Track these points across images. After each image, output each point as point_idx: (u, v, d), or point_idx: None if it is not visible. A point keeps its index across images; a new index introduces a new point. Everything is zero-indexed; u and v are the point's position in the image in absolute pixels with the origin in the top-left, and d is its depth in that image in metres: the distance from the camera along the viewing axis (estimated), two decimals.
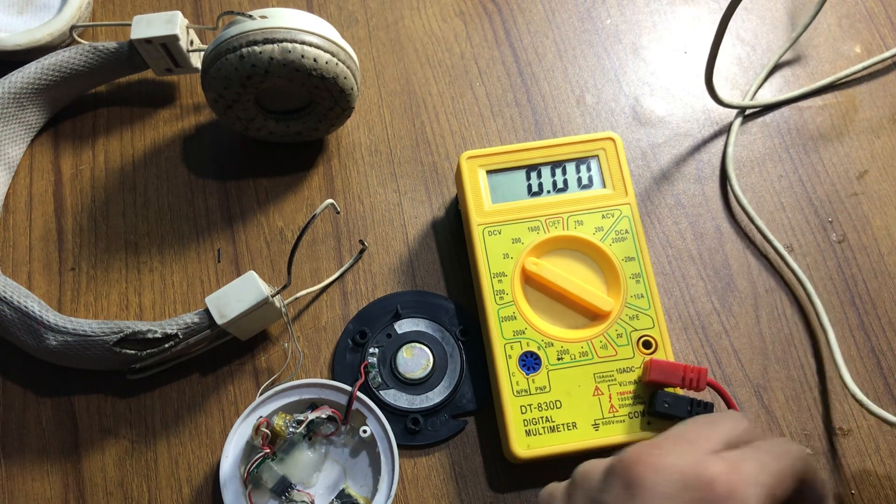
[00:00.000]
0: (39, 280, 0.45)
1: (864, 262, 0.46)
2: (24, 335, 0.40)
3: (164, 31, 0.45)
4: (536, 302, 0.41)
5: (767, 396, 0.43)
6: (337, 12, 0.53)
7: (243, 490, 0.38)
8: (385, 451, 0.39)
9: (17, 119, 0.47)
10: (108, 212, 0.47)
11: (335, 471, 0.40)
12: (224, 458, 0.38)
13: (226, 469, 0.38)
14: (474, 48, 0.52)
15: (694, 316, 0.45)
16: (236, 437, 0.39)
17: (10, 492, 0.41)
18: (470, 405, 0.42)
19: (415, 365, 0.42)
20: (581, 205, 0.43)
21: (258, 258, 0.46)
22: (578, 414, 0.39)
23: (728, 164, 0.48)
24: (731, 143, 0.49)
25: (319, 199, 0.47)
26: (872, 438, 0.42)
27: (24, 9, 0.52)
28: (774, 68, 0.51)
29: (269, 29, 0.40)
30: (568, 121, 0.50)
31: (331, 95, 0.43)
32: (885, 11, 0.53)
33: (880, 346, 0.44)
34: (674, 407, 0.38)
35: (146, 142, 0.49)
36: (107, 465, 0.41)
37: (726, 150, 0.48)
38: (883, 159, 0.49)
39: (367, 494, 0.39)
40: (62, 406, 0.42)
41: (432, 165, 0.48)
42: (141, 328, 0.40)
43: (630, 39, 0.53)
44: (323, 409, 0.39)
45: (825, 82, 0.50)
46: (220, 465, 0.38)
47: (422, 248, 0.46)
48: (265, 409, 0.40)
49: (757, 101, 0.50)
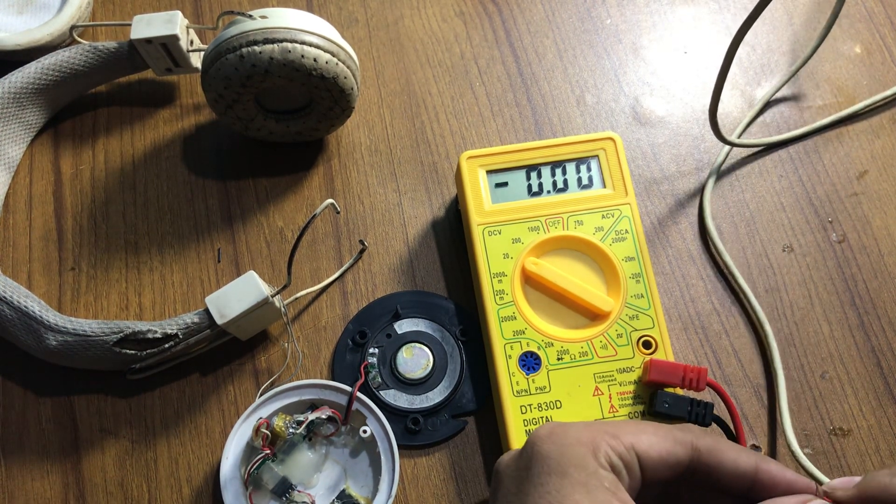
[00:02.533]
0: (39, 280, 0.45)
1: (864, 262, 0.46)
2: (24, 335, 0.40)
3: (164, 31, 0.45)
4: (536, 302, 0.41)
5: (767, 396, 0.43)
6: (337, 12, 0.53)
7: (244, 491, 0.38)
8: (385, 451, 0.39)
9: (16, 119, 0.47)
10: (107, 212, 0.47)
11: (335, 471, 0.40)
12: (224, 459, 0.38)
13: (226, 470, 0.38)
14: (474, 48, 0.52)
15: (694, 316, 0.45)
16: (236, 439, 0.39)
17: (9, 492, 0.41)
18: (470, 405, 0.42)
19: (415, 365, 0.42)
20: (581, 205, 0.43)
21: (258, 258, 0.46)
22: (578, 414, 0.39)
23: (728, 164, 0.48)
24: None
25: (319, 199, 0.47)
26: (872, 438, 0.42)
27: (23, 9, 0.52)
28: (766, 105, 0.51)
29: (269, 29, 0.40)
30: (568, 121, 0.50)
31: (331, 95, 0.43)
32: (884, 11, 0.53)
33: (880, 346, 0.44)
34: (674, 407, 0.38)
35: (146, 142, 0.49)
36: (107, 465, 0.41)
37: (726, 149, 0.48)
38: (883, 159, 0.49)
39: (367, 495, 0.39)
40: (62, 406, 0.42)
41: (432, 165, 0.48)
42: (141, 328, 0.40)
43: (630, 39, 0.53)
44: (323, 410, 0.39)
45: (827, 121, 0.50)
46: (221, 466, 0.38)
47: (422, 248, 0.46)
48: (265, 410, 0.40)
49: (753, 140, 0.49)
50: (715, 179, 0.48)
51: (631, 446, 0.28)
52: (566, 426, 0.29)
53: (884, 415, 0.42)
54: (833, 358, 0.43)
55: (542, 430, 0.29)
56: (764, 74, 0.51)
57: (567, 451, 0.28)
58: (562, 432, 0.29)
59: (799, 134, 0.49)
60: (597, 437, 0.28)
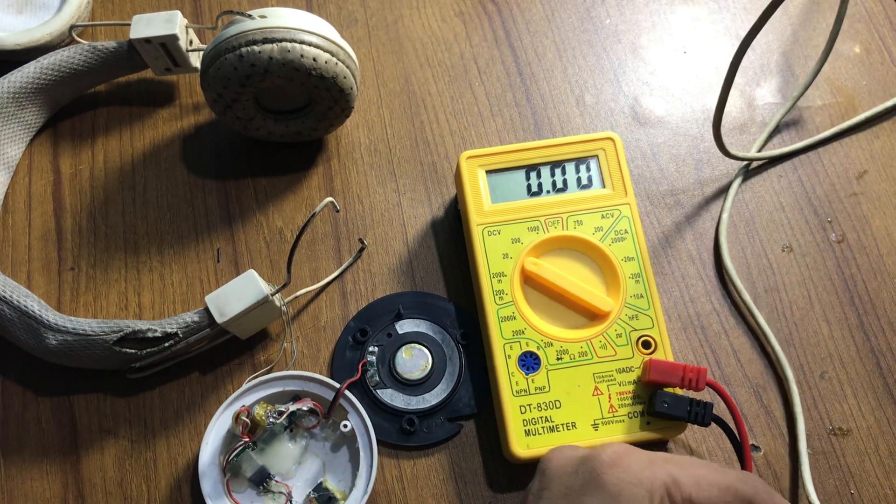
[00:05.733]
0: (39, 280, 0.45)
1: (864, 262, 0.46)
2: (24, 335, 0.40)
3: (164, 31, 0.45)
4: (536, 302, 0.41)
5: (767, 396, 0.43)
6: (337, 12, 0.53)
7: (222, 478, 0.38)
8: (365, 448, 0.39)
9: (16, 118, 0.47)
10: (107, 211, 0.47)
11: (315, 464, 0.40)
12: (204, 446, 0.39)
13: (205, 457, 0.38)
14: (474, 48, 0.52)
15: (694, 316, 0.45)
16: (217, 426, 0.39)
17: (9, 492, 0.41)
18: (467, 409, 0.42)
19: (413, 366, 0.42)
20: (581, 205, 0.43)
21: (257, 258, 0.46)
22: (578, 414, 0.39)
23: (728, 164, 0.48)
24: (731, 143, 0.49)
25: (319, 198, 0.47)
26: (872, 438, 0.42)
27: (23, 8, 0.52)
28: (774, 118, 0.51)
29: (268, 28, 0.40)
30: (567, 121, 0.50)
31: (330, 95, 0.43)
32: (884, 11, 0.53)
33: (880, 346, 0.44)
34: (673, 407, 0.38)
35: (145, 141, 0.49)
36: (106, 465, 0.41)
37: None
38: (882, 159, 0.49)
39: (344, 489, 0.39)
40: (62, 406, 0.42)
41: (432, 165, 0.48)
42: (141, 327, 0.40)
43: (629, 39, 0.53)
44: (305, 402, 0.39)
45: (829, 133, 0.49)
46: (200, 454, 0.38)
47: (421, 248, 0.46)
48: (248, 398, 0.40)
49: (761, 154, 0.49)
50: (715, 179, 0.48)
51: (689, 498, 0.28)
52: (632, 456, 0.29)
53: (883, 415, 0.42)
54: (832, 358, 0.43)
55: (606, 454, 0.29)
56: (763, 75, 0.51)
57: (624, 489, 0.28)
58: (626, 464, 0.29)
59: (803, 146, 0.48)
60: (656, 480, 0.28)
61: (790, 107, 0.50)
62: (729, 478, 0.29)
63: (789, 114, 0.50)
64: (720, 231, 0.46)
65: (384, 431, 0.41)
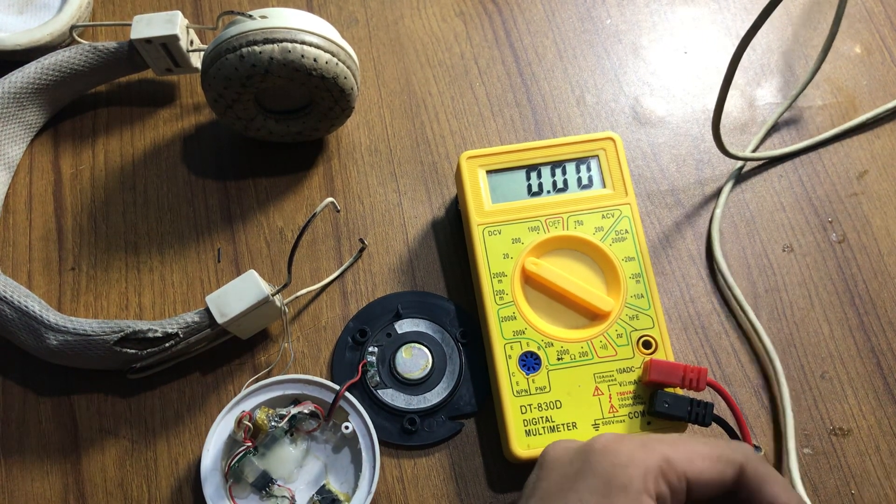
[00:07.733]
0: (39, 280, 0.45)
1: (864, 262, 0.46)
2: (24, 335, 0.40)
3: (164, 31, 0.45)
4: (536, 302, 0.41)
5: (767, 396, 0.43)
6: (337, 12, 0.53)
7: (224, 484, 0.38)
8: (367, 448, 0.39)
9: (16, 119, 0.47)
10: (107, 212, 0.47)
11: (317, 467, 0.40)
12: (206, 452, 0.38)
13: (207, 463, 0.38)
14: (474, 48, 0.52)
15: (694, 316, 0.45)
16: (218, 431, 0.39)
17: (9, 492, 0.41)
18: (468, 408, 0.42)
19: (413, 365, 0.42)
20: (581, 205, 0.43)
21: (258, 258, 0.46)
22: (578, 414, 0.39)
23: (729, 164, 0.48)
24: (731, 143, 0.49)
25: (319, 198, 0.47)
26: (872, 438, 0.42)
27: (23, 8, 0.52)
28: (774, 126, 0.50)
29: (269, 29, 0.40)
30: (568, 121, 0.50)
31: (331, 95, 0.43)
32: (884, 11, 0.53)
33: (880, 346, 0.44)
34: (674, 407, 0.38)
35: (146, 142, 0.49)
36: (107, 465, 0.41)
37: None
38: (883, 159, 0.49)
39: (347, 491, 0.39)
40: (62, 406, 0.42)
41: (432, 165, 0.49)
42: (141, 327, 0.40)
43: (630, 39, 0.53)
44: (306, 405, 0.39)
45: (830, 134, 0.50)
46: (202, 459, 0.38)
47: (422, 248, 0.46)
48: (248, 403, 0.40)
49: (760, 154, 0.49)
50: (715, 179, 0.48)
51: (683, 475, 0.28)
52: (623, 441, 0.29)
53: (884, 415, 0.42)
54: (833, 358, 0.43)
55: (598, 442, 0.30)
56: (763, 75, 0.51)
57: (618, 472, 0.28)
58: (616, 449, 0.29)
59: (804, 146, 0.48)
60: (650, 462, 0.28)
61: (788, 105, 0.50)
62: (720, 447, 0.30)
63: (790, 114, 0.50)
64: (712, 229, 0.46)
65: (386, 431, 0.41)
